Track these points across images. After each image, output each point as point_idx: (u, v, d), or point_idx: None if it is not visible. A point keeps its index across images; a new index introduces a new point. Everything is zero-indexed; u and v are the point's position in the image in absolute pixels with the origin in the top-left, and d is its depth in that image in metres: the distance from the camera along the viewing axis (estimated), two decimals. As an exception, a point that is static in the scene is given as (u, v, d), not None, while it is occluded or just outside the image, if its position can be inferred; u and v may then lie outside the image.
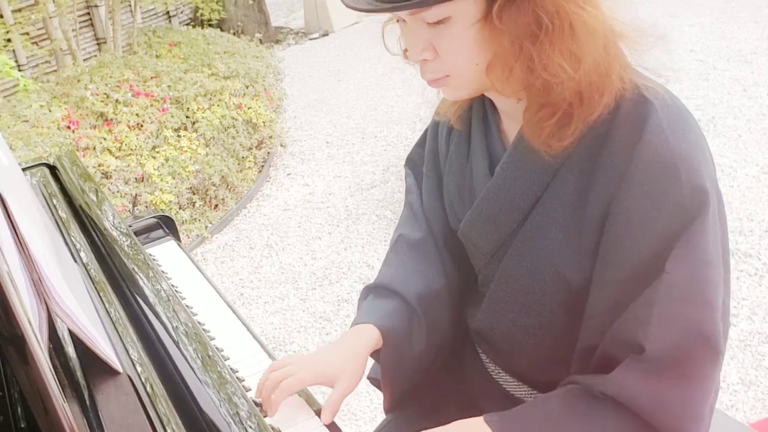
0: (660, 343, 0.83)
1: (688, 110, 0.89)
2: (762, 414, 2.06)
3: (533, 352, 1.05)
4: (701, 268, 0.83)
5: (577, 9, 0.81)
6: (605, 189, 0.87)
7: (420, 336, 1.11)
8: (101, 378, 0.86)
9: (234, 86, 4.25)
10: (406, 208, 1.22)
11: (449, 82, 0.92)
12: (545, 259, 0.95)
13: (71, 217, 1.37)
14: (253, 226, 3.68)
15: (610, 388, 0.86)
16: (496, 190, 0.98)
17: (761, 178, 3.29)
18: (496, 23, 0.82)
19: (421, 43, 0.88)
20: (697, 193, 0.83)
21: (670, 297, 0.83)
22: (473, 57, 0.87)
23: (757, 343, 2.31)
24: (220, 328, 1.29)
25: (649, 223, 0.84)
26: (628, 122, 0.85)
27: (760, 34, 5.08)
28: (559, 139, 0.87)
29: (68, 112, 3.50)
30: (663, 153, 0.83)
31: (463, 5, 0.83)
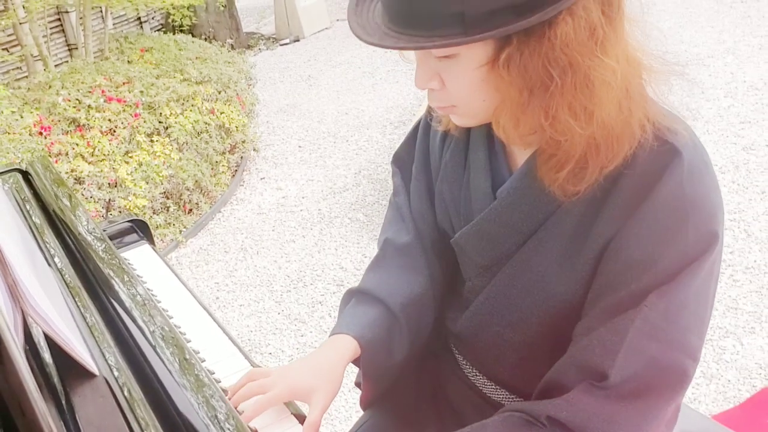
0: (623, 373, 0.82)
1: (706, 152, 0.85)
2: (724, 406, 2.11)
3: (514, 364, 1.05)
4: (680, 309, 0.82)
5: (594, 61, 0.75)
6: (610, 225, 0.84)
7: (401, 344, 1.08)
8: (78, 381, 0.85)
9: (206, 91, 4.25)
10: (392, 208, 1.18)
11: (456, 111, 0.88)
12: (538, 283, 0.93)
13: (45, 223, 1.35)
14: (228, 230, 3.69)
15: (564, 411, 0.84)
16: (498, 213, 0.95)
17: (720, 177, 3.35)
18: (503, 72, 0.78)
19: (428, 74, 0.84)
20: (705, 237, 0.81)
21: (643, 331, 0.81)
22: (480, 95, 0.83)
23: (717, 338, 2.36)
24: (196, 331, 1.29)
25: (648, 264, 0.82)
26: (648, 166, 0.81)
27: (716, 38, 5.19)
28: (574, 185, 0.83)
29: (40, 118, 3.48)
30: (677, 199, 0.80)
31: (470, 47, 0.78)
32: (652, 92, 0.84)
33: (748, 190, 3.21)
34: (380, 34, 0.80)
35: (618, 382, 0.82)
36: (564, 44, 0.74)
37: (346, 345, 1.03)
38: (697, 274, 0.81)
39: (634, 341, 0.82)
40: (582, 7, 0.73)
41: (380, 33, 0.80)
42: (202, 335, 1.29)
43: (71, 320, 0.98)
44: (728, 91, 4.27)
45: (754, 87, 4.26)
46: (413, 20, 0.76)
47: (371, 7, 0.84)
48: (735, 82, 4.38)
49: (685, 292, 0.82)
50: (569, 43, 0.74)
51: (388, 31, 0.79)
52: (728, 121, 3.91)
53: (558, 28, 0.73)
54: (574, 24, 0.73)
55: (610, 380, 0.82)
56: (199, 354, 1.20)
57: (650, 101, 0.84)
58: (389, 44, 0.78)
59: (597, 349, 0.84)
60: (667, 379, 0.83)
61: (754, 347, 2.30)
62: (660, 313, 0.81)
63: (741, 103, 4.09)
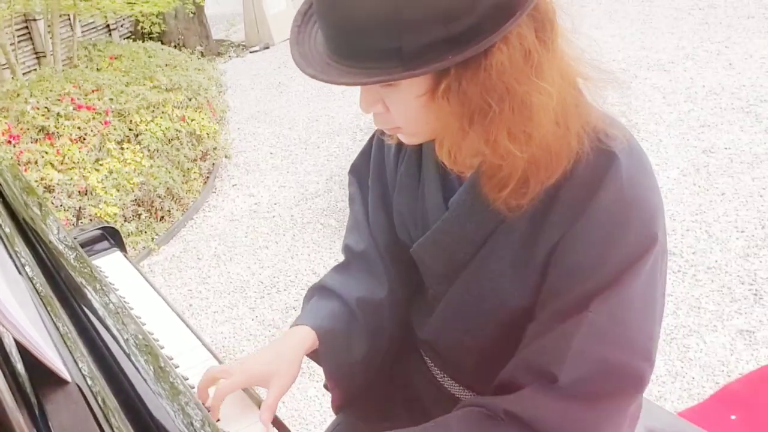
0: (572, 375, 0.83)
1: (645, 155, 0.87)
2: (688, 403, 2.15)
3: (474, 368, 1.07)
4: (624, 311, 0.83)
5: (529, 87, 0.76)
6: (556, 231, 0.85)
7: (361, 340, 1.10)
8: (50, 389, 0.84)
9: (177, 98, 4.24)
10: (351, 217, 1.20)
11: (402, 131, 0.89)
12: (492, 290, 0.95)
13: (15, 232, 1.33)
14: (200, 236, 3.69)
15: (518, 406, 0.86)
16: (450, 223, 0.96)
17: (681, 180, 3.42)
18: (442, 103, 0.78)
19: (372, 99, 0.85)
20: (645, 239, 0.83)
21: (590, 335, 0.83)
22: (423, 119, 0.83)
23: (681, 336, 2.41)
24: (170, 337, 1.30)
25: (593, 268, 0.83)
26: (589, 172, 0.83)
27: (676, 44, 5.29)
28: (517, 200, 0.85)
29: (8, 127, 3.45)
30: (617, 203, 0.82)
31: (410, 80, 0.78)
32: (590, 98, 0.85)
33: (708, 191, 3.28)
34: (322, 65, 0.79)
35: (568, 384, 0.84)
36: (500, 72, 0.75)
37: (303, 335, 1.06)
38: (638, 276, 0.83)
39: (580, 345, 0.83)
40: (516, 35, 0.75)
41: (322, 63, 0.80)
42: (176, 342, 1.30)
43: (43, 329, 0.97)
44: (688, 96, 4.36)
45: (713, 92, 4.35)
46: (353, 53, 0.77)
47: (312, 34, 0.83)
48: (694, 87, 4.48)
49: (629, 294, 0.83)
50: (505, 70, 0.75)
51: (330, 61, 0.79)
52: (689, 125, 3.99)
53: (494, 57, 0.74)
54: (509, 52, 0.74)
55: (560, 382, 0.84)
56: (173, 360, 1.20)
57: (588, 108, 0.85)
58: (330, 79, 0.78)
59: (546, 353, 0.86)
60: (621, 381, 0.85)
61: (717, 345, 2.35)
62: (605, 316, 0.83)
63: (701, 108, 4.18)
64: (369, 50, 0.75)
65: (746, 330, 2.40)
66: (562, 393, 0.84)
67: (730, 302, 2.55)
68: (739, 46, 5.03)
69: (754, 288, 2.59)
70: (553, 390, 0.85)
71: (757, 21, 5.47)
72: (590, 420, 0.85)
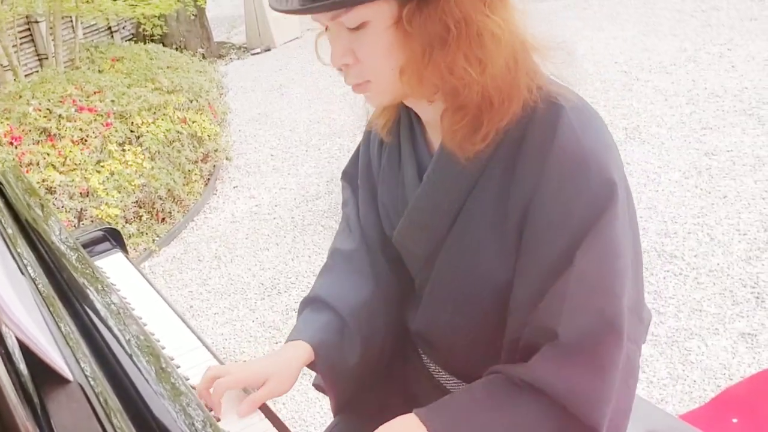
0: (571, 330, 0.88)
1: (596, 113, 0.93)
2: (690, 406, 2.14)
3: (469, 351, 1.08)
4: (609, 260, 0.88)
5: (483, 17, 0.85)
6: (524, 189, 0.91)
7: (352, 349, 1.12)
8: (53, 389, 0.85)
9: (178, 100, 4.25)
10: (342, 220, 1.24)
11: (370, 88, 0.94)
12: (474, 260, 0.98)
13: (17, 232, 1.34)
14: (201, 238, 3.69)
15: (529, 375, 0.91)
16: (424, 197, 1.01)
17: (683, 182, 3.42)
18: (407, 27, 0.85)
19: (342, 48, 0.91)
20: (607, 185, 0.87)
21: (579, 287, 0.88)
22: (390, 61, 0.90)
23: (683, 339, 2.41)
24: (171, 338, 1.30)
25: (564, 218, 0.88)
26: (542, 125, 0.89)
27: (678, 47, 5.29)
28: (472, 143, 0.91)
29: (10, 128, 3.46)
30: (575, 151, 0.87)
31: (377, 9, 0.85)
32: (544, 68, 0.93)
33: (710, 194, 3.28)
34: (296, 3, 0.88)
35: (568, 339, 0.89)
36: (458, 1, 0.84)
37: (299, 348, 1.10)
38: (613, 222, 0.88)
39: (574, 298, 0.88)
40: None
41: (296, 2, 0.88)
42: (177, 342, 1.30)
43: (46, 329, 0.97)
44: (690, 98, 4.36)
45: (715, 94, 4.35)
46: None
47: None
48: (696, 89, 4.48)
49: (609, 242, 0.88)
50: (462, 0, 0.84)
51: (303, 3, 0.87)
52: (690, 127, 3.99)
53: None
54: None
55: (561, 338, 0.89)
56: (174, 360, 1.20)
57: (540, 73, 0.92)
58: (303, 8, 0.86)
59: (545, 313, 0.90)
60: (612, 327, 0.89)
61: (719, 348, 2.35)
62: (590, 266, 0.88)
63: (702, 110, 4.18)
64: None
65: (748, 333, 2.40)
66: (565, 353, 0.89)
67: (731, 305, 2.55)
68: (741, 48, 5.03)
69: (756, 291, 2.59)
70: (555, 350, 0.90)
71: (760, 23, 5.48)
72: (591, 376, 0.90)
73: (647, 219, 3.14)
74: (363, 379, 1.17)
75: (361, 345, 1.13)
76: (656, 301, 2.62)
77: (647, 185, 3.45)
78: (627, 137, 3.98)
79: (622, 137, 3.98)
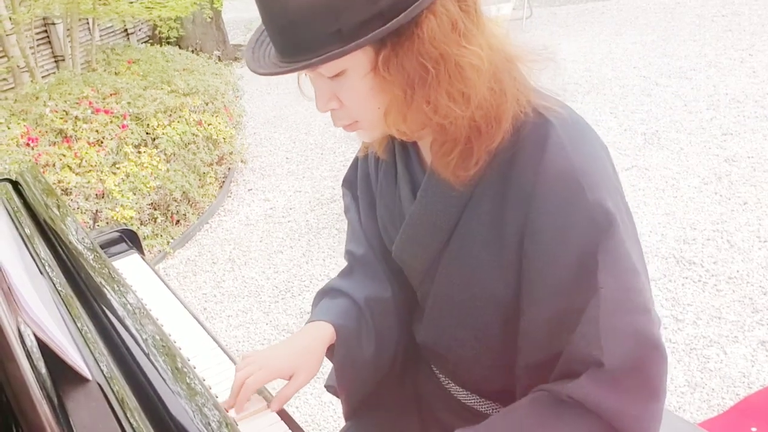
0: (615, 355, 0.86)
1: (587, 124, 0.92)
2: (708, 414, 2.12)
3: (475, 364, 1.08)
4: (630, 277, 0.86)
5: (460, 50, 0.83)
6: (518, 208, 0.89)
7: (368, 339, 1.13)
8: (71, 387, 0.86)
9: (194, 103, 4.26)
10: (348, 225, 1.25)
11: (359, 126, 0.94)
12: (472, 275, 0.97)
13: (35, 232, 1.36)
14: (215, 241, 3.69)
15: (578, 392, 0.88)
16: (419, 214, 1.01)
17: (702, 188, 3.40)
18: (384, 74, 0.84)
19: (326, 95, 0.91)
20: (600, 202, 0.85)
21: (610, 310, 0.85)
22: (374, 104, 0.89)
23: (701, 347, 2.39)
24: (186, 339, 1.31)
25: (563, 237, 0.86)
26: (530, 143, 0.88)
27: (698, 52, 5.27)
28: (465, 169, 0.90)
29: (27, 129, 3.48)
30: (565, 168, 0.86)
31: (353, 59, 0.84)
32: (528, 78, 0.91)
33: (730, 201, 3.25)
34: (273, 67, 0.88)
35: (615, 366, 0.86)
36: (431, 38, 0.82)
37: (323, 329, 1.10)
38: (620, 238, 0.86)
39: (608, 323, 0.86)
40: (440, 5, 0.82)
41: (273, 66, 0.88)
42: (192, 343, 1.31)
43: (64, 328, 0.98)
44: (710, 104, 4.33)
45: (736, 99, 4.32)
46: (299, 48, 0.84)
47: (266, 49, 0.91)
48: (717, 94, 4.45)
49: (625, 258, 0.86)
50: (435, 36, 0.82)
51: (279, 63, 0.87)
52: (711, 133, 3.96)
53: (423, 26, 0.82)
54: (437, 20, 0.82)
55: (607, 366, 0.86)
56: (190, 361, 1.21)
57: (525, 86, 0.91)
58: (280, 70, 0.86)
59: (582, 343, 0.88)
60: (652, 343, 0.88)
61: (738, 356, 2.33)
62: (616, 287, 0.86)
63: (723, 116, 4.15)
64: (312, 39, 0.83)
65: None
66: (611, 377, 0.86)
67: (751, 313, 2.52)
68: (763, 54, 4.99)
69: (776, 299, 2.56)
70: (603, 374, 0.86)
71: (781, 29, 5.44)
72: (643, 395, 0.88)
73: (665, 225, 3.11)
74: (375, 379, 1.17)
75: (375, 338, 1.14)
76: (674, 307, 2.59)
77: (666, 191, 3.42)
78: (646, 142, 3.95)
79: (640, 142, 3.95)
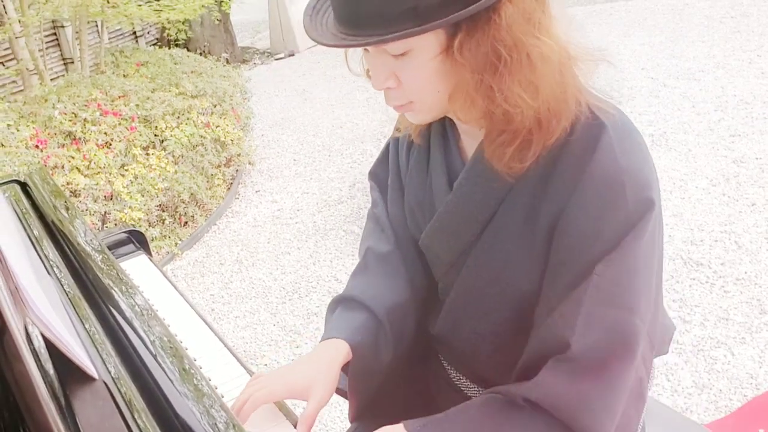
0: (584, 341, 0.86)
1: (636, 128, 0.92)
2: (715, 415, 2.12)
3: (491, 359, 1.07)
4: (628, 275, 0.86)
5: (534, 40, 0.82)
6: (556, 203, 0.89)
7: (387, 349, 1.11)
8: (78, 386, 0.86)
9: (202, 105, 4.28)
10: (371, 220, 1.22)
11: (413, 108, 0.93)
12: (501, 270, 0.97)
13: (44, 234, 1.35)
14: (223, 242, 3.71)
15: (534, 393, 0.88)
16: (455, 204, 1.00)
17: (710, 190, 3.39)
18: (457, 57, 0.83)
19: (385, 73, 0.89)
20: (642, 203, 0.86)
21: (596, 299, 0.86)
22: (435, 86, 0.88)
23: (709, 348, 2.38)
24: (193, 340, 1.31)
25: (595, 235, 0.86)
26: (581, 143, 0.87)
27: (707, 53, 5.24)
28: (520, 161, 0.89)
29: (36, 132, 3.50)
30: (612, 170, 0.85)
31: (424, 39, 0.83)
32: (582, 79, 0.91)
33: (738, 202, 3.24)
34: (337, 39, 0.86)
35: (580, 351, 0.86)
36: (508, 26, 0.82)
37: (339, 348, 1.06)
38: (639, 239, 0.86)
39: (589, 309, 0.86)
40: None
41: (337, 38, 0.86)
42: (199, 344, 1.31)
43: (72, 328, 0.99)
44: (718, 105, 4.31)
45: (744, 101, 4.30)
46: (365, 21, 0.82)
47: (324, 17, 0.90)
48: (725, 96, 4.43)
49: (632, 258, 0.86)
50: (512, 24, 0.82)
51: (339, 34, 0.85)
52: (719, 134, 3.95)
53: (501, 12, 0.81)
54: (513, 8, 0.82)
55: (572, 349, 0.86)
56: (196, 362, 1.21)
57: (581, 85, 0.90)
58: (346, 43, 0.84)
59: (558, 323, 0.88)
60: (623, 344, 0.87)
61: (745, 357, 2.32)
62: (610, 279, 0.86)
63: (731, 117, 4.13)
64: (387, 14, 0.81)
65: (776, 343, 2.36)
66: (574, 367, 0.87)
67: (759, 314, 2.51)
68: (771, 55, 4.97)
69: (785, 300, 2.55)
70: (565, 366, 0.87)
71: (789, 30, 5.42)
72: (600, 393, 0.88)
73: (673, 226, 3.10)
74: (386, 383, 1.15)
75: (393, 346, 1.11)
76: (682, 309, 2.59)
77: (673, 192, 3.41)
78: (653, 144, 3.94)
79: (648, 144, 3.88)
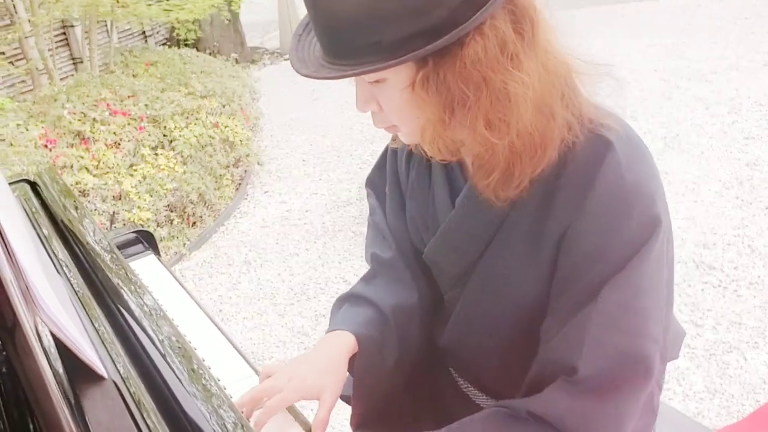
0: (591, 366, 0.85)
1: (642, 141, 0.90)
2: (727, 420, 2.10)
3: (499, 371, 1.07)
4: (634, 297, 0.85)
5: (505, 75, 0.80)
6: (561, 221, 0.87)
7: (392, 347, 1.10)
8: (88, 386, 0.86)
9: (211, 105, 4.28)
10: (372, 228, 1.22)
11: (399, 131, 0.93)
12: (505, 286, 0.96)
13: (53, 233, 1.36)
14: (231, 243, 3.70)
15: (540, 407, 0.87)
16: (457, 221, 0.99)
17: (723, 193, 3.37)
18: (420, 91, 0.82)
19: (365, 97, 0.90)
20: (648, 224, 0.84)
21: (602, 324, 0.85)
22: (412, 114, 0.87)
23: (721, 353, 2.36)
24: (202, 340, 1.31)
25: (600, 254, 0.85)
26: (585, 159, 0.85)
27: (720, 54, 5.22)
28: (504, 190, 0.88)
29: (45, 131, 3.51)
30: (618, 187, 0.84)
31: (394, 71, 0.82)
32: (585, 92, 0.88)
33: (752, 205, 3.22)
34: (317, 66, 0.87)
35: (588, 376, 0.85)
36: (475, 62, 0.79)
37: (345, 340, 1.06)
38: (646, 260, 0.85)
39: (595, 335, 0.85)
40: (491, 27, 0.79)
41: (317, 65, 0.87)
42: (208, 344, 1.31)
43: (81, 327, 0.98)
44: (732, 107, 4.29)
45: (758, 103, 4.27)
46: (341, 52, 0.83)
47: (312, 42, 0.90)
48: (739, 98, 4.40)
49: (638, 279, 0.85)
50: (480, 60, 0.79)
51: (324, 63, 0.86)
52: (732, 137, 3.92)
53: (469, 47, 0.78)
54: (484, 42, 0.78)
55: (580, 374, 0.85)
56: (205, 362, 1.20)
57: (580, 99, 0.88)
58: (320, 75, 0.85)
59: (563, 345, 0.88)
60: (635, 367, 0.86)
61: (758, 362, 2.30)
62: (615, 303, 0.85)
63: (745, 119, 4.10)
64: (353, 47, 0.81)
65: (790, 347, 2.34)
66: (582, 389, 0.85)
67: (772, 319, 2.49)
68: (786, 57, 4.94)
69: (799, 305, 2.53)
70: (573, 387, 0.86)
71: (803, 31, 5.38)
72: (608, 412, 0.86)
73: (685, 230, 3.07)
74: (392, 388, 1.14)
75: (398, 347, 1.11)
76: (694, 313, 2.57)
77: (686, 195, 3.39)
78: (666, 146, 3.92)
79: (660, 146, 3.92)
